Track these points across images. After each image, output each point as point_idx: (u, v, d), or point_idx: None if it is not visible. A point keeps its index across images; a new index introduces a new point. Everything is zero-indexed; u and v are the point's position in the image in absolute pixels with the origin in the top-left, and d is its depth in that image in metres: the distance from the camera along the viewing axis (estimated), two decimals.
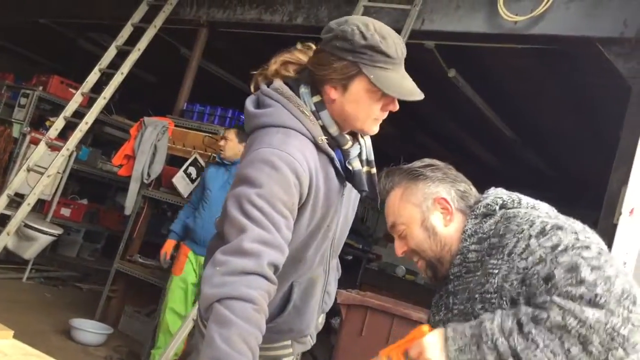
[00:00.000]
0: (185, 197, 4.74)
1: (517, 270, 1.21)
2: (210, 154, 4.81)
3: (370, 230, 10.02)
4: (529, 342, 1.10)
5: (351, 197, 1.70)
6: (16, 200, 5.01)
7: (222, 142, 4.03)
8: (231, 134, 4.00)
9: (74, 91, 5.99)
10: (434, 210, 1.41)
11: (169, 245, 4.17)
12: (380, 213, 8.36)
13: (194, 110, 5.31)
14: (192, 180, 4.78)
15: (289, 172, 1.43)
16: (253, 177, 1.43)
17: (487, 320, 1.17)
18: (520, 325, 1.12)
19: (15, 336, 1.59)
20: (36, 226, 5.23)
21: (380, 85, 1.46)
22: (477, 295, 1.27)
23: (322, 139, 1.53)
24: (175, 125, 5.06)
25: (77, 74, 6.65)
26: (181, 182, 4.77)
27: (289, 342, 1.73)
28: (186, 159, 4.87)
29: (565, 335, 1.08)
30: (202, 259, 3.82)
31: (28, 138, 6.24)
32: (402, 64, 1.51)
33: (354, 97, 1.51)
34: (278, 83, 1.57)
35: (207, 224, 3.84)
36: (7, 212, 5.02)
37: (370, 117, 1.53)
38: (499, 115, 5.91)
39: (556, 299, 1.11)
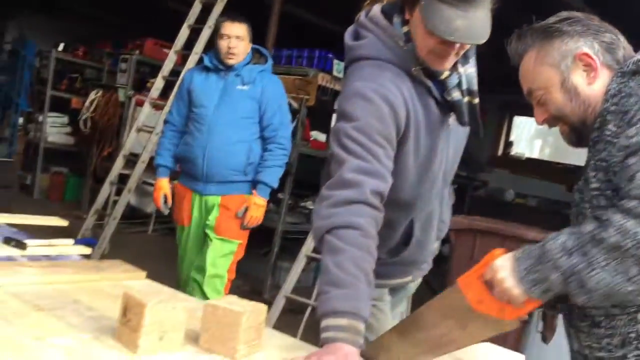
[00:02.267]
0: None
1: (619, 148, 1.12)
2: (302, 96, 4.85)
3: (475, 157, 9.74)
4: (588, 261, 1.06)
5: (459, 128, 1.67)
6: (132, 160, 5.37)
7: (233, 42, 2.98)
8: (243, 29, 3.04)
9: (167, 51, 6.21)
10: (575, 68, 1.26)
11: (164, 185, 3.20)
12: (483, 140, 8.11)
13: (282, 54, 5.35)
14: None
15: (382, 103, 1.45)
16: (348, 112, 1.47)
17: (551, 240, 1.13)
18: (582, 244, 1.08)
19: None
20: (153, 182, 5.61)
21: (424, 15, 1.40)
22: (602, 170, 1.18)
23: (416, 70, 1.51)
24: None
25: (168, 34, 6.87)
26: None
27: (410, 272, 1.83)
28: None
29: (623, 257, 1.03)
30: (210, 199, 3.02)
31: (133, 101, 6.61)
32: (479, 7, 1.39)
33: (413, 24, 1.48)
34: (375, 11, 1.56)
35: (210, 152, 2.95)
36: (125, 172, 5.42)
37: (425, 50, 1.47)
38: None
39: (617, 215, 1.04)
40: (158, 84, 5.58)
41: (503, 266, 1.17)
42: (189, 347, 1.34)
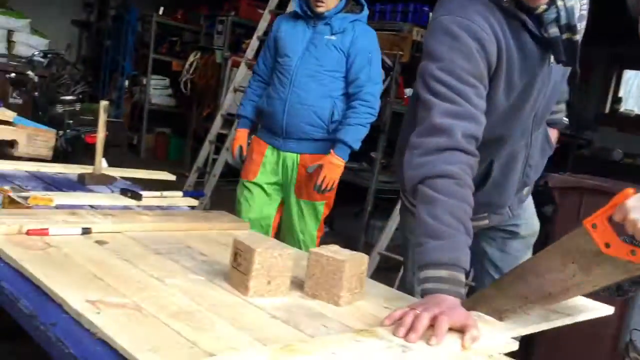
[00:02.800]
0: None
1: None
2: (396, 52, 4.75)
3: (578, 111, 9.17)
4: None
5: (559, 67, 1.55)
6: (229, 120, 5.55)
7: None
8: None
9: (261, 11, 6.28)
10: None
11: (242, 136, 3.02)
12: (589, 93, 7.60)
13: (375, 10, 5.24)
14: (382, 82, 4.81)
15: (469, 39, 1.37)
16: (433, 50, 1.40)
17: None
18: None
19: None
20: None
21: None
22: None
23: (508, 1, 1.41)
24: None
25: None
26: None
27: (485, 214, 1.72)
28: None
29: None
30: (288, 156, 2.81)
31: (230, 62, 6.78)
32: None
33: None
34: None
35: (291, 106, 2.74)
36: (223, 131, 5.61)
37: None
38: None
39: None
40: (253, 44, 5.67)
41: (636, 206, 1.11)
42: (295, 292, 1.40)
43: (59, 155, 3.58)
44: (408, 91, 5.48)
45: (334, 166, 2.70)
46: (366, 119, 2.72)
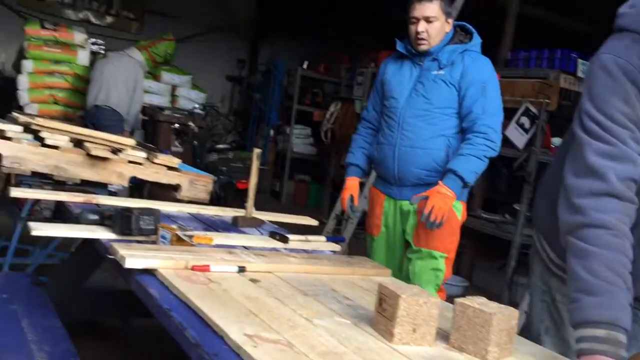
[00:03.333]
0: (520, 148, 4.64)
1: None
2: (542, 100, 4.59)
3: None
4: None
5: None
6: None
7: (422, 25, 2.50)
8: (434, 9, 2.49)
9: None
10: None
11: (352, 185, 2.80)
12: None
13: (519, 57, 5.13)
14: (526, 131, 4.66)
15: (627, 83, 1.30)
16: (590, 87, 1.36)
17: None
18: None
19: None
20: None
21: None
22: None
23: None
24: (502, 77, 4.98)
25: None
26: (515, 134, 4.69)
27: None
28: (516, 110, 4.76)
29: None
30: (404, 205, 2.58)
31: None
32: None
33: None
34: None
35: (401, 150, 2.55)
36: (362, 180, 5.72)
37: None
38: None
39: None
40: None
41: None
42: (440, 343, 1.38)
43: (213, 199, 3.89)
44: (556, 140, 5.24)
45: (442, 196, 2.35)
46: (483, 151, 2.42)
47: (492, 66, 2.62)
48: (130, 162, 3.11)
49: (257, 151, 2.58)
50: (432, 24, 2.48)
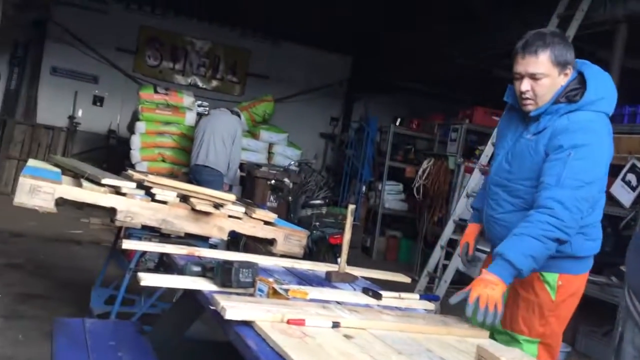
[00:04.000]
0: (627, 207, 4.38)
1: None
2: None
3: None
4: None
5: None
6: (461, 225, 5.55)
7: (525, 83, 2.14)
8: (542, 64, 2.10)
9: (496, 118, 6.35)
10: None
11: (470, 232, 2.55)
12: None
13: (624, 112, 4.92)
14: (633, 188, 4.40)
15: None
16: None
17: None
18: None
19: None
20: (484, 248, 5.68)
21: None
22: None
23: None
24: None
25: (497, 102, 7.02)
26: (620, 192, 4.44)
27: None
28: (621, 167, 4.53)
29: None
30: None
31: (462, 168, 6.87)
32: None
33: None
34: None
35: (486, 218, 2.35)
36: (455, 237, 5.61)
37: None
38: None
39: None
40: (487, 150, 5.71)
41: None
42: None
43: (306, 253, 3.97)
44: None
45: (485, 282, 1.96)
46: (543, 230, 1.98)
47: (600, 127, 2.12)
48: (230, 216, 3.28)
49: (351, 207, 2.63)
50: (540, 81, 2.12)
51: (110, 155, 8.61)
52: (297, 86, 9.84)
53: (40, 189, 2.60)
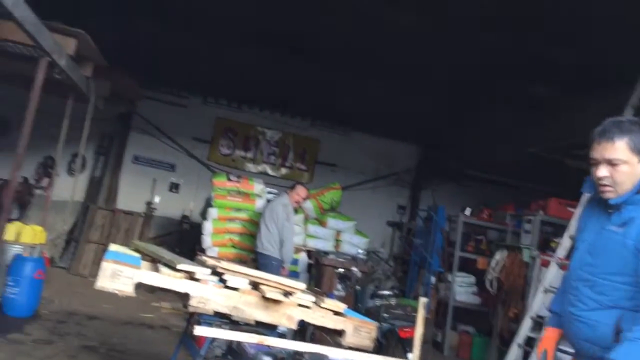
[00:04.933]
0: None
1: None
2: None
3: None
4: None
5: None
6: (539, 322, 5.23)
7: (602, 170, 2.10)
8: (621, 150, 2.06)
9: (571, 209, 6.11)
10: None
11: (549, 337, 2.40)
12: None
13: None
14: None
15: None
16: None
17: None
18: None
19: None
20: (565, 348, 5.30)
21: None
22: None
23: None
24: None
25: (572, 193, 6.80)
26: None
27: None
28: None
29: None
30: None
31: (538, 261, 6.58)
32: None
33: None
34: None
35: (571, 315, 2.18)
36: (532, 335, 5.28)
37: None
38: None
39: None
40: (564, 243, 5.47)
41: None
42: None
43: (375, 346, 3.83)
44: None
45: None
46: None
47: None
48: (299, 305, 3.23)
49: (423, 300, 2.56)
50: (618, 167, 2.06)
51: (183, 239, 8.88)
52: (364, 174, 9.96)
53: (121, 274, 2.68)
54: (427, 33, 6.09)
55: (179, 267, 2.97)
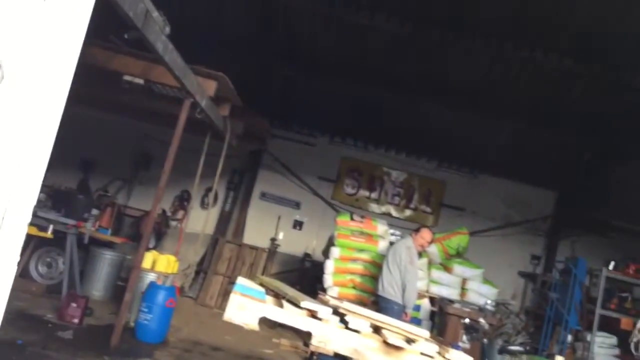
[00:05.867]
0: None
1: None
2: None
3: None
4: None
5: None
6: None
7: None
8: None
9: None
10: None
11: None
12: None
13: None
14: None
15: None
16: None
17: None
18: None
19: None
20: None
21: None
22: None
23: None
24: None
25: None
26: None
27: None
28: None
29: None
30: None
31: None
32: None
33: None
34: None
35: None
36: None
37: None
38: None
39: None
40: None
41: None
42: None
43: None
44: None
45: None
46: None
47: None
48: (422, 353, 3.04)
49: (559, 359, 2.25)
50: None
51: (304, 277, 8.92)
52: (494, 220, 9.45)
53: (248, 306, 2.68)
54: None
55: (302, 304, 2.92)
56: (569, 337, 7.81)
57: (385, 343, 3.00)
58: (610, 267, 7.81)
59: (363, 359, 2.99)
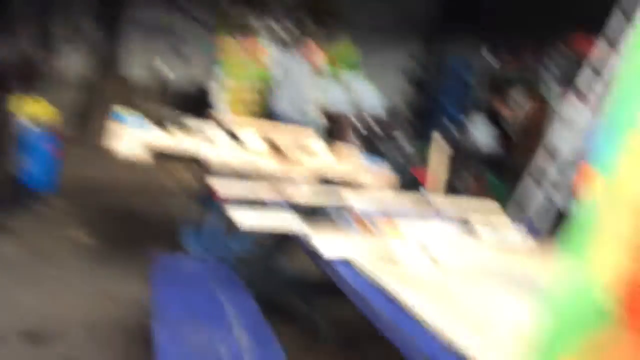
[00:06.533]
0: None
1: None
2: None
3: None
4: None
5: None
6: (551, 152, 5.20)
7: None
8: None
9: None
10: None
11: None
12: None
13: None
14: None
15: None
16: None
17: None
18: None
19: None
20: None
21: None
22: None
23: None
24: None
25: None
26: None
27: None
28: None
29: None
30: None
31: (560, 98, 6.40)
32: None
33: None
34: None
35: None
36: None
37: None
38: None
39: None
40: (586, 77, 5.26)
41: None
42: None
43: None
44: None
45: None
46: None
47: None
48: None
49: (436, 134, 2.49)
50: None
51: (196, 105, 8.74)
52: (377, 27, 9.46)
53: (130, 136, 2.62)
54: None
55: (188, 124, 2.90)
56: (451, 127, 8.45)
57: (277, 150, 3.08)
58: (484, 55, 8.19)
59: (261, 172, 3.09)
